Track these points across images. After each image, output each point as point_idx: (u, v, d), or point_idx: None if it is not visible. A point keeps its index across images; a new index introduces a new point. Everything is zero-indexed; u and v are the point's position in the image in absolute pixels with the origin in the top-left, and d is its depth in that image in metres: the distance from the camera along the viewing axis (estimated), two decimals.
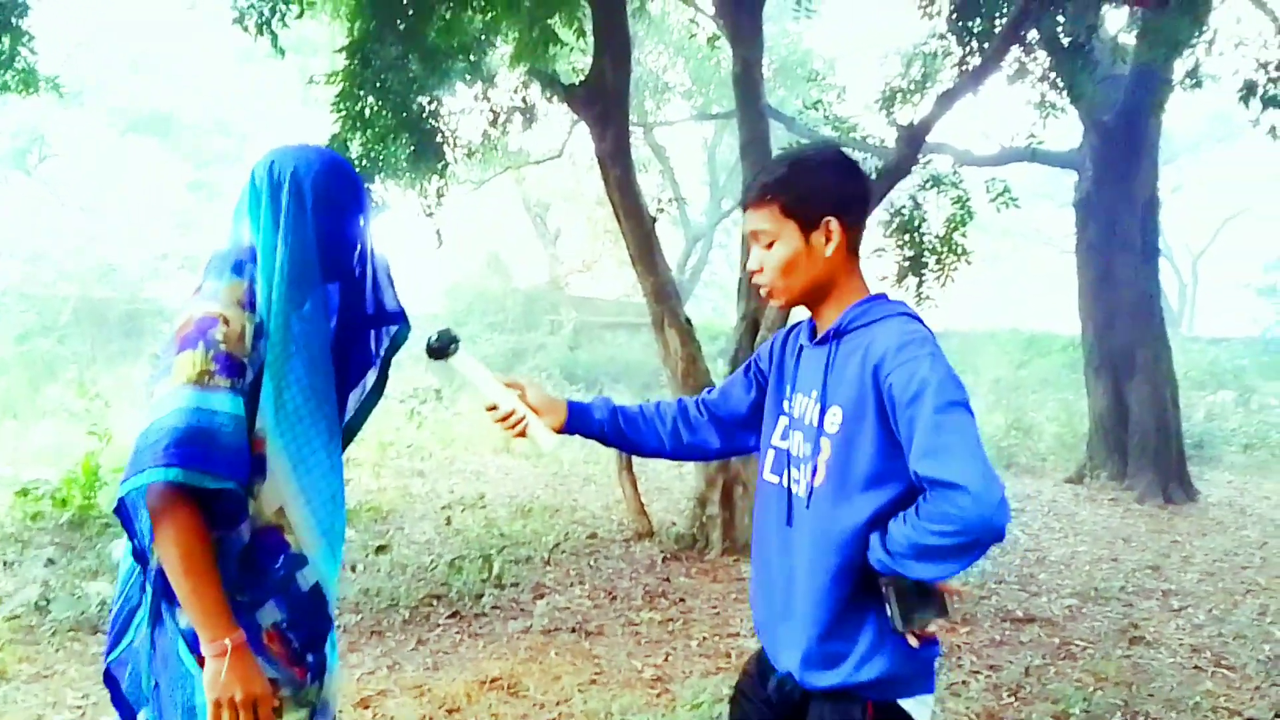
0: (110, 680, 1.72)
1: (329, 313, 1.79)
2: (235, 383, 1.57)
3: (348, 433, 1.93)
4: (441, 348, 1.86)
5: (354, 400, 1.94)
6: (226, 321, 1.60)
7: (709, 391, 2.03)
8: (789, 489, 1.73)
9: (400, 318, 1.91)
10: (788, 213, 1.68)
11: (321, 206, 1.70)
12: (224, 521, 1.58)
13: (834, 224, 1.67)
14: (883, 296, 1.72)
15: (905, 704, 1.64)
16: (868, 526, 1.59)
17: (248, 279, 1.66)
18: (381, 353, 1.95)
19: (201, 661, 1.54)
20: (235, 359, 1.58)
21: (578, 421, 1.95)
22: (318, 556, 1.68)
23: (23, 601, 4.59)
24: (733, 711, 1.93)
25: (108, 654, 1.72)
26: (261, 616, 1.61)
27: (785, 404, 1.80)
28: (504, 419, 1.89)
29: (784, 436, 1.78)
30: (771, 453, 1.80)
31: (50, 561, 5.26)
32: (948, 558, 1.47)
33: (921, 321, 1.66)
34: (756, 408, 1.93)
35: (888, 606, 1.60)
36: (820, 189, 1.68)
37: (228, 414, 1.54)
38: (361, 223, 1.80)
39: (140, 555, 1.61)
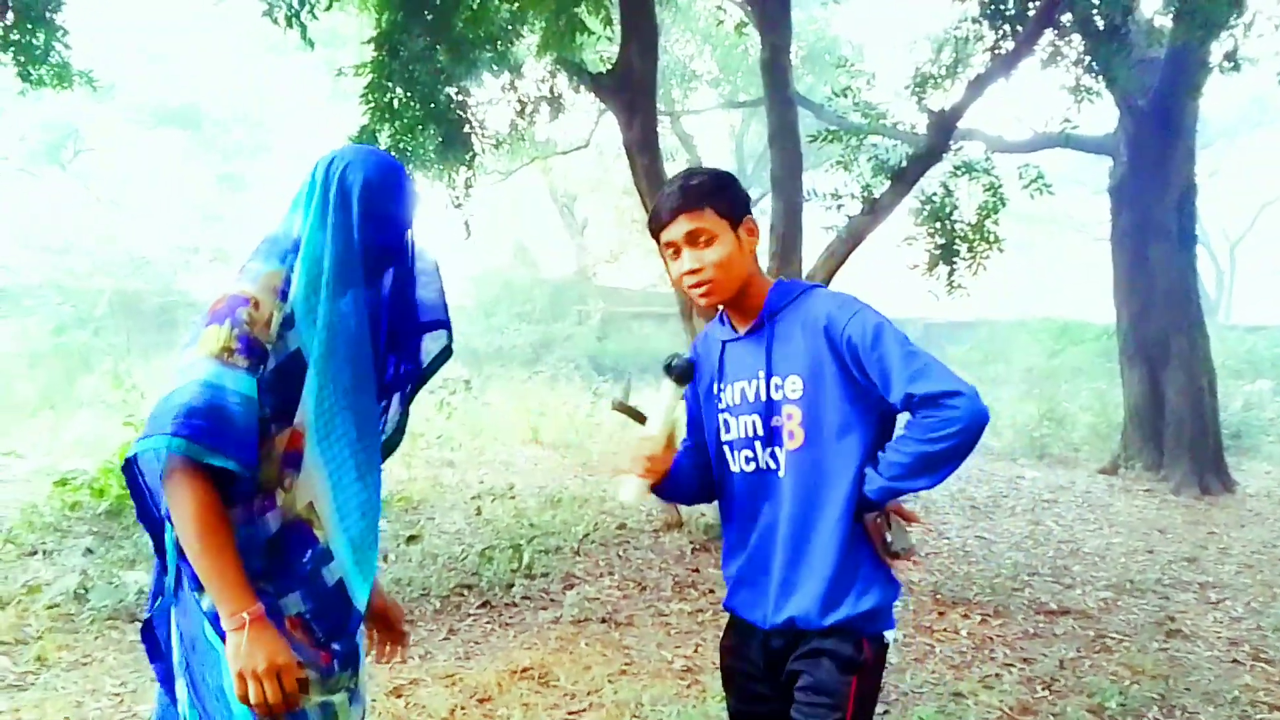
0: (148, 636, 1.76)
1: (370, 317, 1.79)
2: (253, 365, 1.59)
3: (387, 447, 1.94)
4: (682, 372, 1.94)
5: (392, 415, 1.96)
6: (257, 305, 1.63)
7: (684, 440, 2.13)
8: (750, 470, 1.90)
9: (442, 324, 1.93)
10: (721, 214, 1.86)
11: (368, 212, 1.72)
12: (239, 499, 1.61)
13: (753, 223, 1.90)
14: (782, 280, 1.95)
15: (887, 635, 1.86)
16: (863, 464, 1.79)
17: (287, 268, 1.69)
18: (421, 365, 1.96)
19: (216, 625, 1.56)
20: (258, 343, 1.61)
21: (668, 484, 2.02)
22: (344, 555, 1.68)
23: (62, 590, 4.66)
24: (727, 691, 2.05)
25: (150, 609, 1.77)
26: (285, 605, 1.63)
27: (718, 401, 1.96)
28: (651, 457, 1.94)
29: (727, 429, 1.94)
30: (725, 448, 1.95)
31: (89, 551, 5.34)
32: (952, 458, 1.70)
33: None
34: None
35: (886, 535, 1.83)
36: (737, 194, 1.90)
37: (240, 394, 1.56)
38: (408, 234, 1.82)
39: (147, 516, 1.67)
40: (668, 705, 3.68)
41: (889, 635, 1.87)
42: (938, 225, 6.86)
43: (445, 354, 1.96)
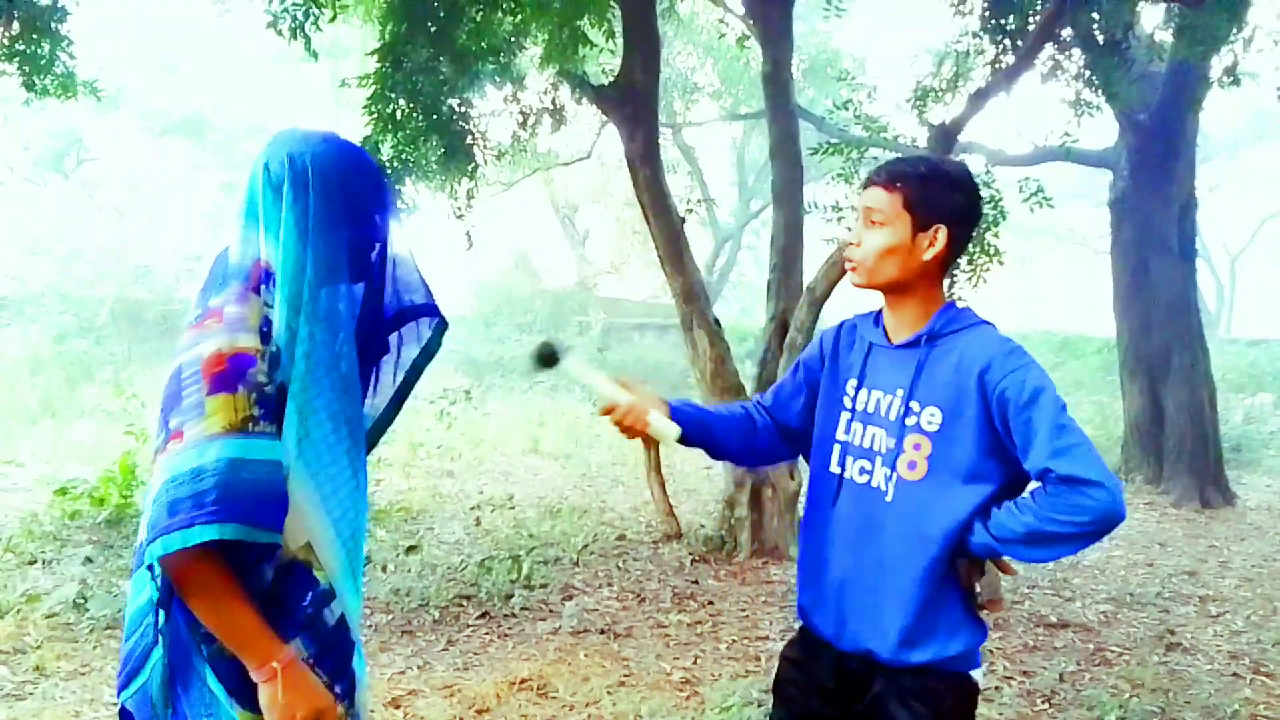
0: (125, 716, 1.60)
1: (354, 316, 1.67)
2: (276, 426, 1.47)
3: (370, 442, 1.79)
4: (552, 354, 1.87)
5: (374, 405, 1.81)
6: (262, 358, 1.47)
7: (761, 397, 2.09)
8: (863, 482, 1.82)
9: (432, 310, 1.79)
10: (908, 205, 1.76)
11: (347, 201, 1.58)
12: (249, 563, 1.48)
13: (943, 233, 1.76)
14: (954, 304, 1.85)
15: (974, 675, 1.81)
16: (971, 516, 1.71)
17: (267, 300, 1.52)
18: (402, 352, 1.81)
19: (236, 695, 1.47)
20: (273, 399, 1.47)
21: (674, 417, 1.95)
22: (344, 587, 1.58)
23: (61, 599, 4.65)
24: (778, 703, 1.99)
25: (120, 691, 1.60)
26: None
27: (846, 399, 1.88)
28: (624, 416, 1.88)
29: (847, 430, 1.86)
30: (837, 447, 1.87)
31: (88, 560, 5.33)
32: (1068, 543, 1.64)
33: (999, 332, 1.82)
34: (806, 415, 2.00)
35: (976, 585, 1.78)
36: (945, 197, 1.77)
37: (275, 461, 1.44)
38: (387, 215, 1.69)
39: (164, 604, 1.51)
40: (666, 717, 3.68)
41: (976, 675, 1.82)
42: None
43: (439, 333, 1.82)
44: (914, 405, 1.76)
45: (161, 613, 1.52)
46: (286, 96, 25.22)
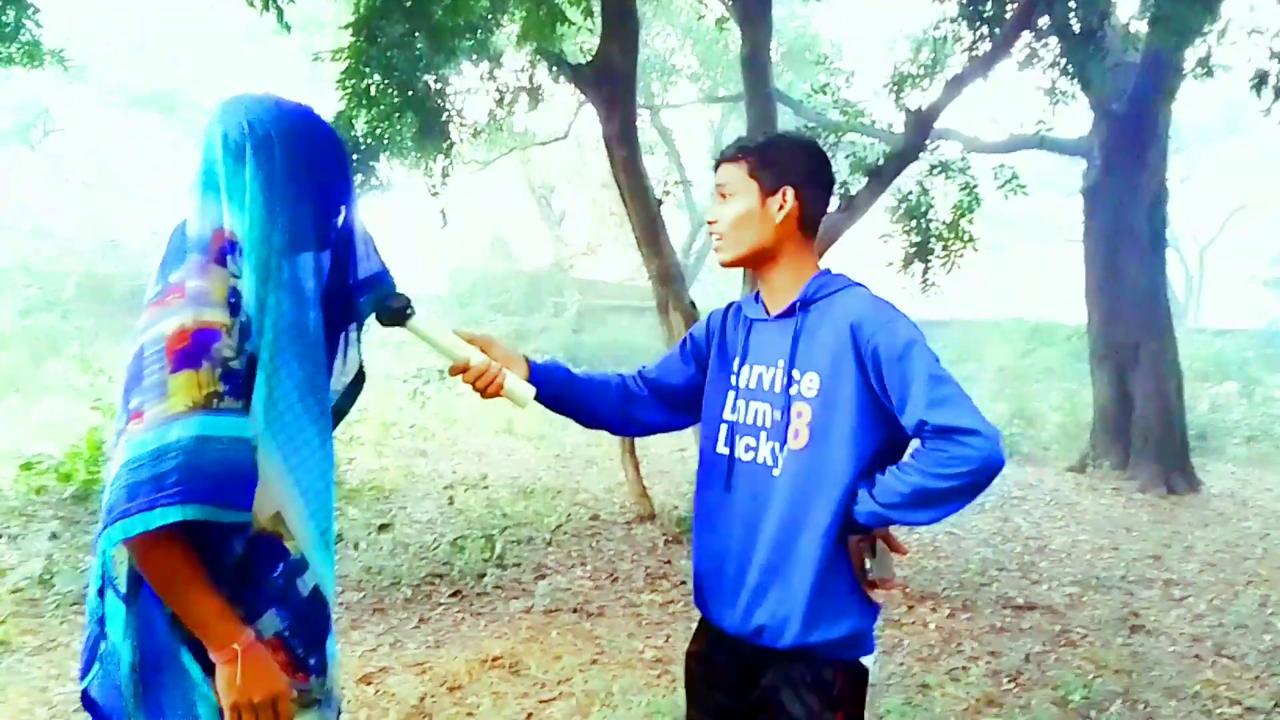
0: (88, 701, 1.57)
1: (320, 285, 1.61)
2: (244, 401, 1.43)
3: (337, 414, 1.74)
4: (399, 310, 1.70)
5: (338, 377, 1.75)
6: (229, 332, 1.42)
7: (644, 368, 2.07)
8: (749, 459, 1.80)
9: (384, 278, 1.72)
10: (753, 174, 1.79)
11: (311, 168, 1.54)
12: (218, 538, 1.44)
13: (790, 194, 1.77)
14: (829, 270, 1.84)
15: (865, 661, 1.76)
16: (856, 481, 1.68)
17: (234, 270, 1.46)
18: (356, 329, 1.76)
19: (207, 668, 1.46)
20: (240, 374, 1.43)
21: (538, 380, 1.90)
22: (316, 557, 1.55)
23: (26, 575, 4.61)
24: (688, 701, 1.97)
25: (83, 676, 1.57)
26: (262, 627, 1.49)
27: (733, 378, 1.86)
28: (478, 377, 1.80)
29: (733, 410, 1.84)
30: (724, 427, 1.85)
31: (54, 535, 5.27)
32: (954, 498, 1.59)
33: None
34: (692, 384, 1.99)
35: (868, 561, 1.74)
36: (788, 161, 1.80)
37: (242, 438, 1.40)
38: (349, 182, 1.66)
39: (132, 589, 1.48)
40: (638, 695, 3.69)
41: (867, 661, 1.77)
42: (913, 224, 6.92)
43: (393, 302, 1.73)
44: (794, 374, 1.74)
45: (110, 600, 1.49)
46: (258, 71, 24.84)
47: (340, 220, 1.64)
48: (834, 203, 6.32)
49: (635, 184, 6.24)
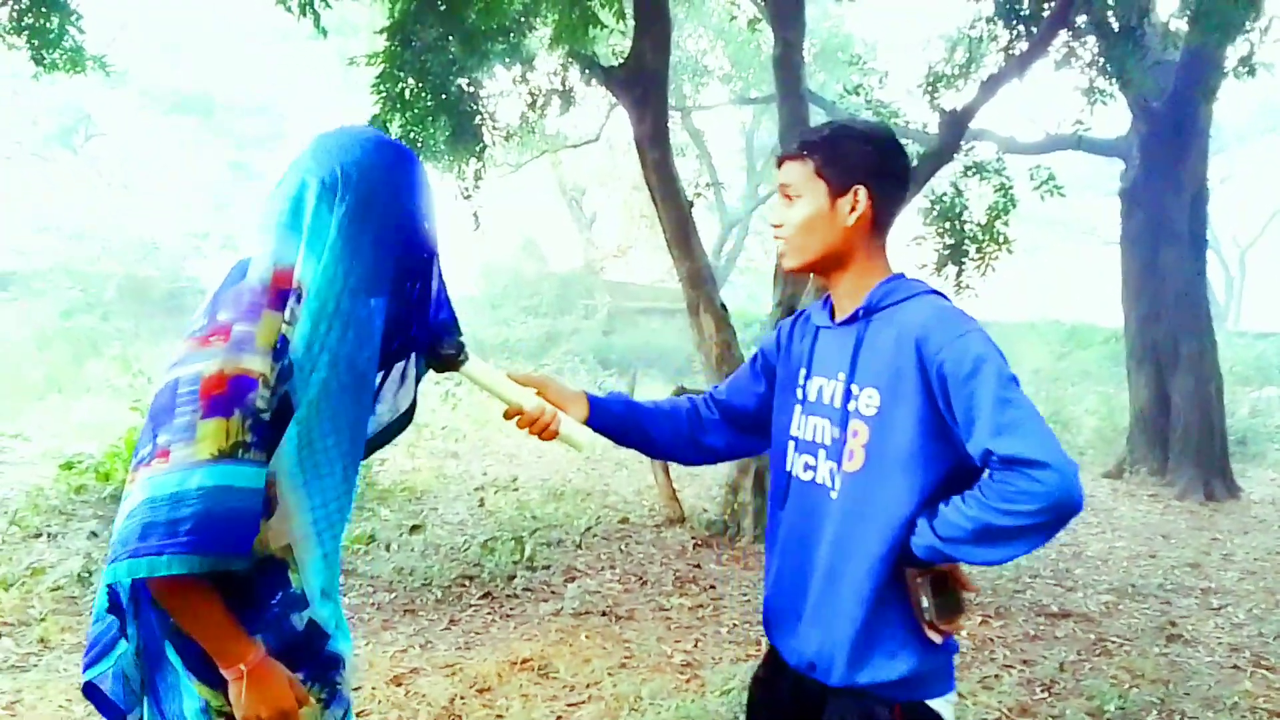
0: (91, 690, 1.58)
1: (387, 325, 1.58)
2: (267, 453, 1.41)
3: (373, 447, 1.73)
4: (451, 356, 1.68)
5: (380, 412, 1.72)
6: (265, 382, 1.39)
7: (716, 388, 1.95)
8: (808, 479, 1.68)
9: (453, 324, 1.70)
10: (820, 173, 1.64)
11: (401, 211, 1.51)
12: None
13: (862, 193, 1.62)
14: (903, 275, 1.68)
15: (933, 704, 1.60)
16: (915, 511, 1.52)
17: (287, 317, 1.43)
18: (414, 371, 1.74)
19: (195, 670, 1.47)
20: (265, 425, 1.40)
21: (598, 416, 1.84)
22: (315, 595, 1.54)
23: (66, 573, 4.68)
24: (750, 717, 1.89)
25: (86, 669, 1.58)
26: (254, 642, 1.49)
27: (799, 391, 1.73)
28: (533, 422, 1.75)
29: (799, 425, 1.72)
30: (791, 443, 1.73)
31: (93, 534, 5.36)
32: (1021, 538, 1.41)
33: (950, 301, 1.63)
34: (765, 403, 1.86)
35: (923, 598, 1.55)
36: (858, 157, 1.64)
37: (255, 490, 1.38)
38: (434, 223, 1.61)
39: (119, 607, 1.50)
40: (667, 699, 3.68)
41: (938, 704, 1.59)
42: (947, 225, 6.85)
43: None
44: (854, 389, 1.60)
45: (130, 607, 1.52)
46: (293, 74, 25.17)
47: (424, 265, 1.61)
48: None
49: (666, 186, 6.24)
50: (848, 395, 1.60)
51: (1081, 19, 7.24)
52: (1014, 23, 6.86)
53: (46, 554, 5.04)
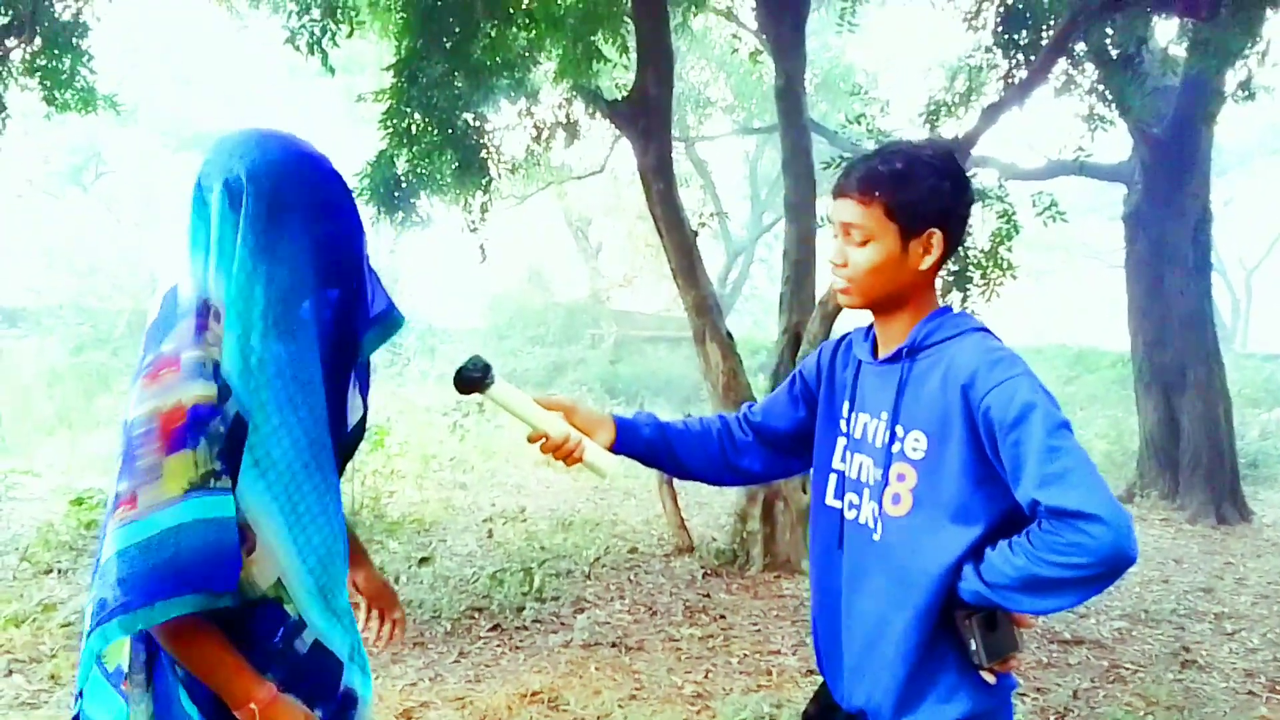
0: None
1: (324, 330, 1.50)
2: (229, 477, 1.36)
3: (344, 453, 1.65)
4: (477, 379, 1.65)
5: (350, 415, 1.65)
6: (217, 404, 1.34)
7: (750, 408, 1.90)
8: (852, 518, 1.64)
9: (392, 312, 1.62)
10: (891, 215, 1.54)
11: (312, 206, 1.44)
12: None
13: (937, 237, 1.56)
14: (949, 309, 1.63)
15: None
16: (961, 560, 1.49)
17: (210, 340, 1.37)
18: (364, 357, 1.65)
19: (204, 710, 1.44)
20: (226, 449, 1.35)
21: (626, 439, 1.82)
22: (315, 614, 1.50)
23: (76, 609, 4.67)
24: None
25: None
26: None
27: (843, 424, 1.68)
28: (557, 448, 1.73)
29: (843, 459, 1.67)
30: (834, 477, 1.69)
31: None
32: (1070, 590, 1.39)
33: (998, 338, 1.58)
34: (802, 428, 1.82)
35: (970, 641, 1.52)
36: (931, 198, 1.55)
37: (227, 518, 1.33)
38: (353, 216, 1.53)
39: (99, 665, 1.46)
40: None
41: None
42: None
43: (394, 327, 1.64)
44: (898, 430, 1.55)
45: (95, 681, 1.48)
46: (302, 111, 25.42)
47: (347, 256, 1.53)
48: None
49: (671, 216, 6.29)
50: (891, 437, 1.56)
51: (1080, 46, 7.31)
52: (1013, 51, 6.93)
53: (57, 590, 5.05)
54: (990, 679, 1.54)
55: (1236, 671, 4.60)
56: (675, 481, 6.83)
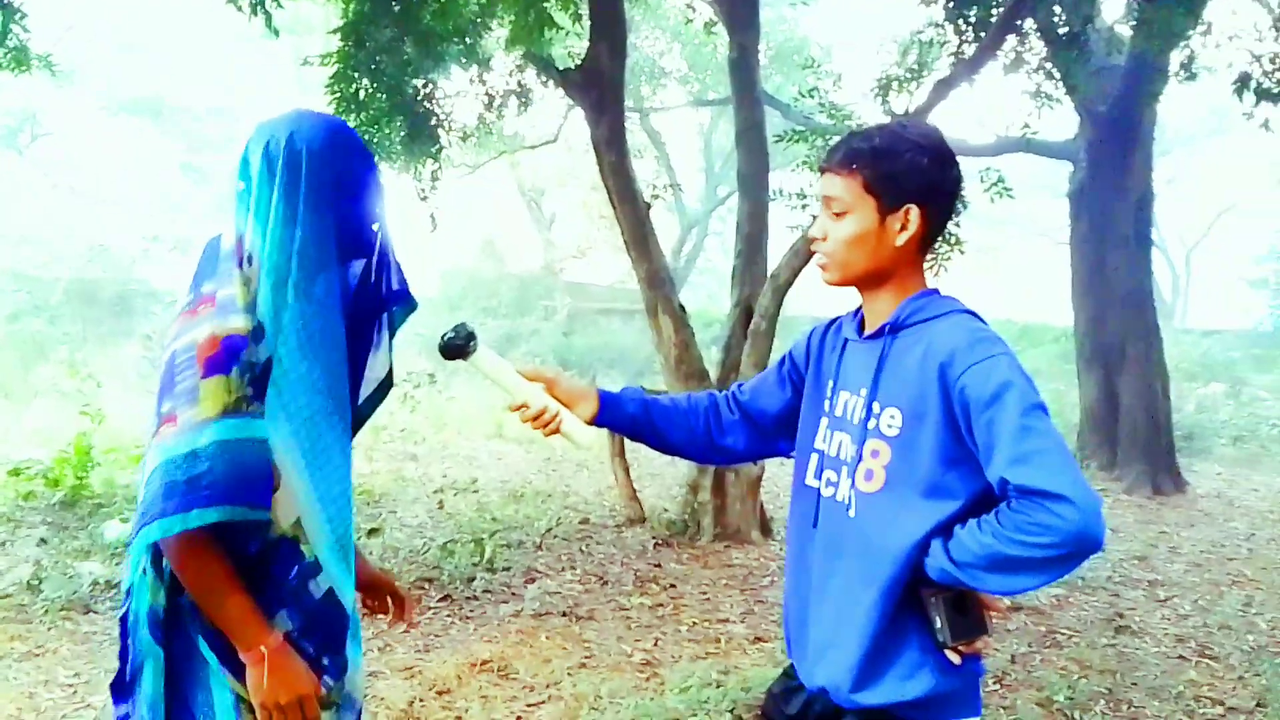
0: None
1: (346, 296, 1.63)
2: (261, 405, 1.49)
3: (357, 422, 1.75)
4: (460, 345, 1.68)
5: (364, 388, 1.76)
6: (253, 337, 1.49)
7: (739, 387, 1.90)
8: (830, 495, 1.63)
9: (405, 296, 1.75)
10: (870, 189, 1.55)
11: (334, 180, 1.57)
12: (234, 540, 1.50)
13: (915, 213, 1.55)
14: (936, 291, 1.63)
15: None
16: (929, 537, 1.48)
17: (249, 278, 1.53)
18: (388, 337, 1.77)
19: (229, 665, 1.50)
20: (262, 379, 1.49)
21: (609, 413, 1.82)
22: (331, 562, 1.58)
23: (15, 580, 4.60)
24: None
25: (117, 704, 1.61)
26: (274, 625, 1.53)
27: (826, 403, 1.68)
28: (536, 418, 1.74)
29: (825, 439, 1.67)
30: (815, 456, 1.68)
31: (42, 541, 5.26)
32: (1037, 569, 1.39)
33: (984, 321, 1.57)
34: (789, 409, 1.81)
35: (935, 619, 1.51)
36: (911, 172, 1.55)
37: (259, 439, 1.46)
38: (378, 194, 1.66)
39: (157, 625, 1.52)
40: (626, 698, 3.71)
41: None
42: None
43: (405, 314, 1.77)
44: (875, 406, 1.55)
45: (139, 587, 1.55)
46: (248, 75, 24.83)
47: (372, 232, 1.66)
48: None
49: (624, 188, 6.26)
50: (868, 413, 1.56)
51: (1029, 24, 7.40)
52: (964, 27, 6.99)
53: None
54: (955, 659, 1.53)
55: (1168, 637, 4.76)
56: (627, 452, 6.86)
